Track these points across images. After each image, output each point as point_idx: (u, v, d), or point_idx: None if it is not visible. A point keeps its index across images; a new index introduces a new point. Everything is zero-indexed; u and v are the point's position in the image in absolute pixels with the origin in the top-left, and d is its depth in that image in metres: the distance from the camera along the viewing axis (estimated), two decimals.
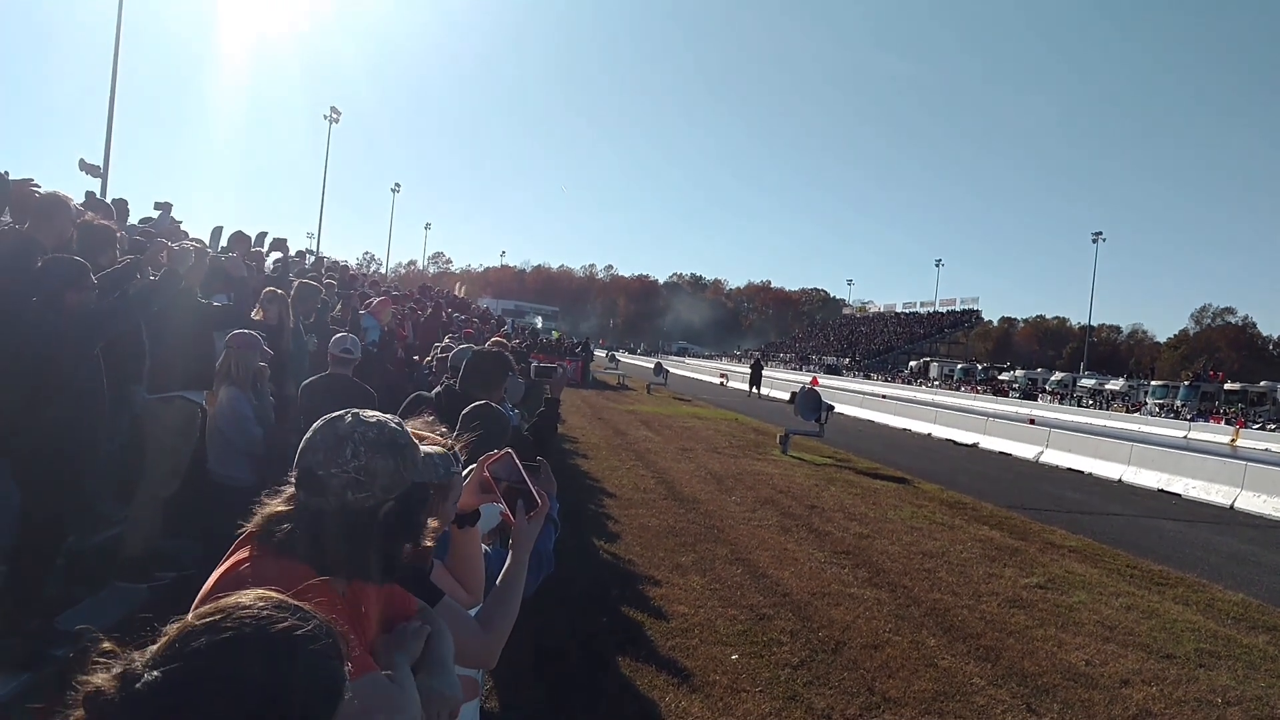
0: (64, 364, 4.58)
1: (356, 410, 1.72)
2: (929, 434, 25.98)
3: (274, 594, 1.09)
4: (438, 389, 5.05)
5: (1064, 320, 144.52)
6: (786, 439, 18.44)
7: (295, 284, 7.69)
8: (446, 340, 9.90)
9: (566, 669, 5.55)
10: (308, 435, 1.69)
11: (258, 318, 6.51)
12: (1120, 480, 18.00)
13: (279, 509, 1.68)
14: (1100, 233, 76.35)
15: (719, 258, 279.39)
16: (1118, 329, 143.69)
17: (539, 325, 64.68)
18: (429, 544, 1.93)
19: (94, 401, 4.83)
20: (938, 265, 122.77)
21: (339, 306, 9.51)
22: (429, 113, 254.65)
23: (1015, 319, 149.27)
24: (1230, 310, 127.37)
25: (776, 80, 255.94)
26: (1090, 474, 18.79)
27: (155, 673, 0.98)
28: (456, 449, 2.07)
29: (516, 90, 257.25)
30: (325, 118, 64.35)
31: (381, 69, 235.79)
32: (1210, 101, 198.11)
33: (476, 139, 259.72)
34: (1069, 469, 19.44)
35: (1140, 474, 17.90)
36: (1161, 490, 16.95)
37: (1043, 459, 20.70)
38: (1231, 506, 15.49)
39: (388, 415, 1.77)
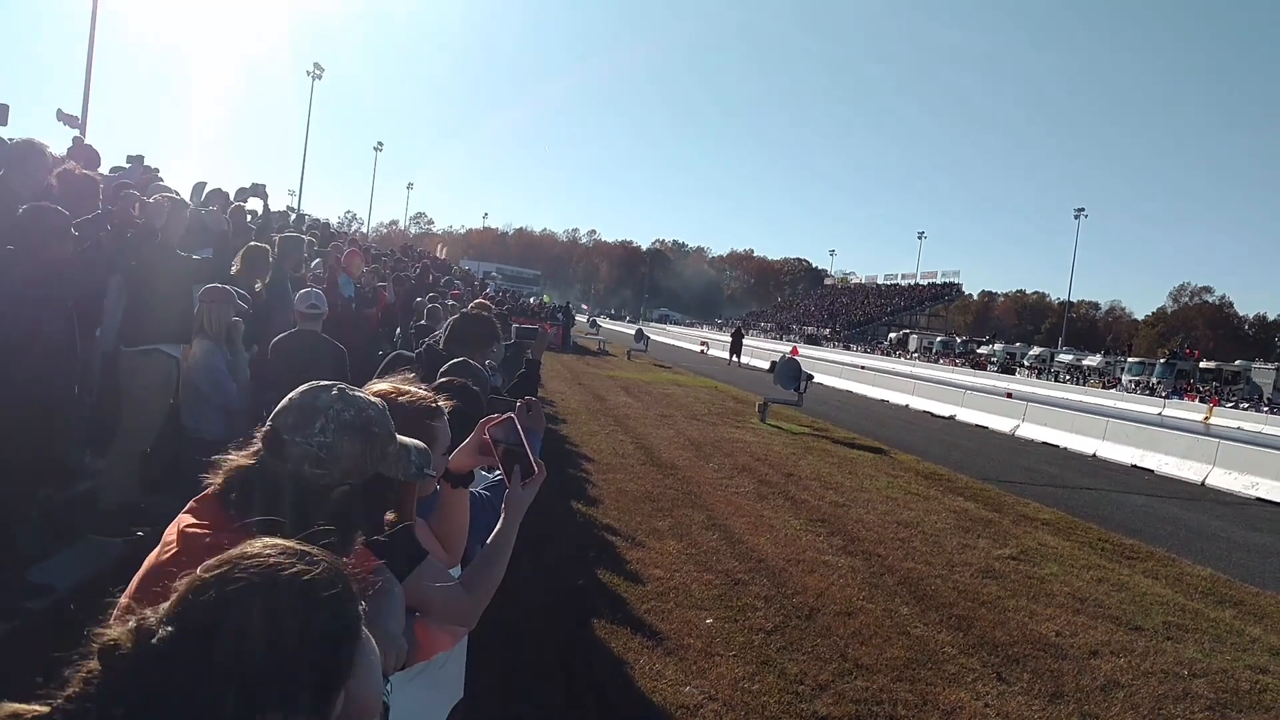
0: (35, 314, 4.50)
1: (346, 386, 1.68)
2: (907, 405, 26.11)
3: (280, 541, 1.09)
4: (419, 349, 5.01)
5: (1044, 295, 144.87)
6: (765, 407, 18.49)
7: (278, 238, 7.58)
8: (424, 301, 9.81)
9: (542, 630, 5.57)
10: (289, 395, 1.66)
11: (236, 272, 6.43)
12: (1095, 455, 18.19)
13: (241, 463, 1.65)
14: (1082, 209, 76.18)
15: (702, 225, 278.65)
16: (1096, 305, 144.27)
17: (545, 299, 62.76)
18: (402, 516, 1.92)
19: (66, 353, 4.76)
20: (920, 238, 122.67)
21: (317, 263, 9.40)
22: (413, 72, 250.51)
23: (995, 293, 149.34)
24: (1208, 289, 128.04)
25: (760, 51, 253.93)
26: (1065, 448, 18.97)
27: (169, 628, 0.98)
28: (440, 402, 2.05)
29: (500, 50, 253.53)
30: (308, 74, 63.48)
31: (366, 26, 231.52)
32: (1194, 81, 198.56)
33: (461, 99, 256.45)
34: (1044, 443, 19.60)
35: (1115, 449, 18.09)
36: (1135, 466, 17.15)
37: (1019, 432, 20.89)
38: (1203, 483, 15.69)
39: (376, 399, 1.72)
